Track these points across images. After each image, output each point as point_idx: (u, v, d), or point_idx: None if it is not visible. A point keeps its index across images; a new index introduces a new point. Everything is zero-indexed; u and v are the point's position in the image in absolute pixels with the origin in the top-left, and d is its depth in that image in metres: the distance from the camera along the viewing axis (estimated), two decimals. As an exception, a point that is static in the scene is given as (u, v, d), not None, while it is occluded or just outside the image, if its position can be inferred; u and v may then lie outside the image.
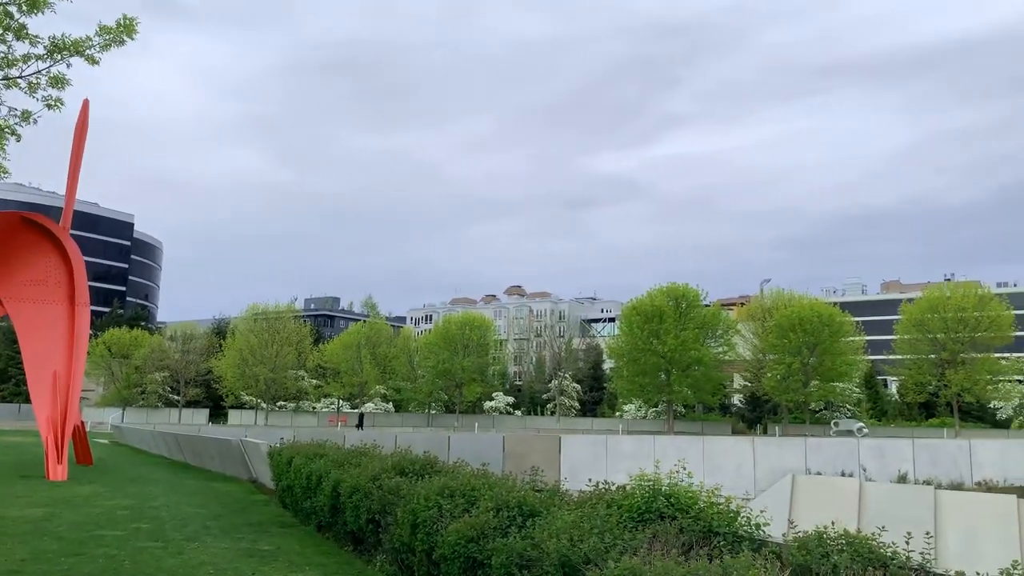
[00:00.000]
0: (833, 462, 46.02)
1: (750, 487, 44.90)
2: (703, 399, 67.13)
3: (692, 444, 47.35)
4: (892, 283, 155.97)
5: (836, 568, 8.62)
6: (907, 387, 69.51)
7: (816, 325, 59.81)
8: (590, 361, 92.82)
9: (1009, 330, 62.32)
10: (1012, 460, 45.65)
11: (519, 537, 10.67)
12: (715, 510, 10.80)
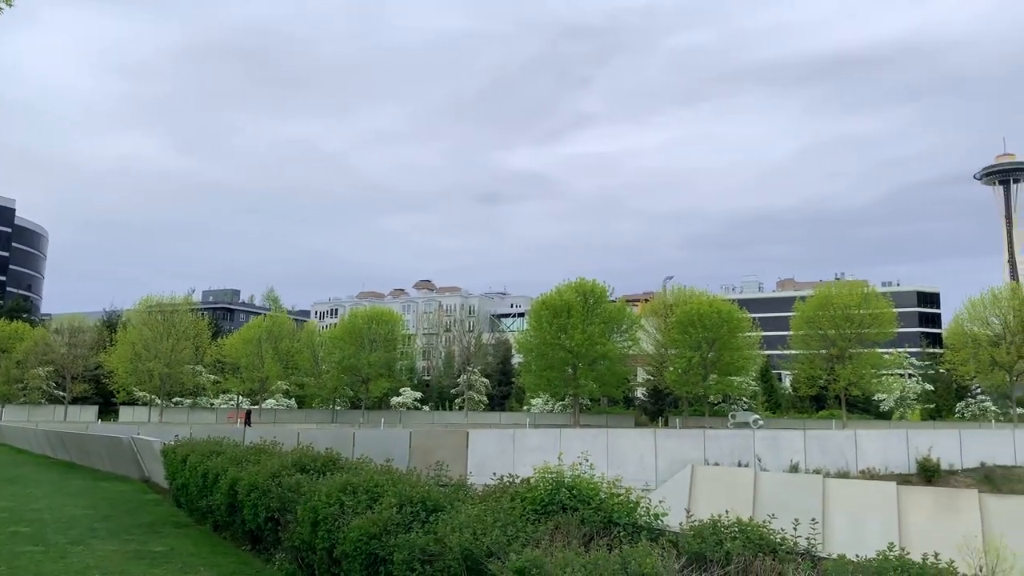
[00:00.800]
0: (730, 453, 47.84)
1: (652, 478, 46.23)
2: (608, 392, 68.57)
3: (597, 437, 48.34)
4: (787, 281, 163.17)
5: (729, 555, 8.94)
6: (799, 381, 72.89)
7: (715, 321, 61.95)
8: (499, 356, 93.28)
9: (891, 327, 66.21)
10: (893, 450, 48.44)
11: (422, 532, 10.62)
12: (616, 501, 11.04)
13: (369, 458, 15.53)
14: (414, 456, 37.12)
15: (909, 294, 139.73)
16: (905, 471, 46.98)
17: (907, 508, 38.45)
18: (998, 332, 65.86)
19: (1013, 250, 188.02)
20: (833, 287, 71.17)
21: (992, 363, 64.88)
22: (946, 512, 37.77)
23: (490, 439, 47.15)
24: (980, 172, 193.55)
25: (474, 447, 44.82)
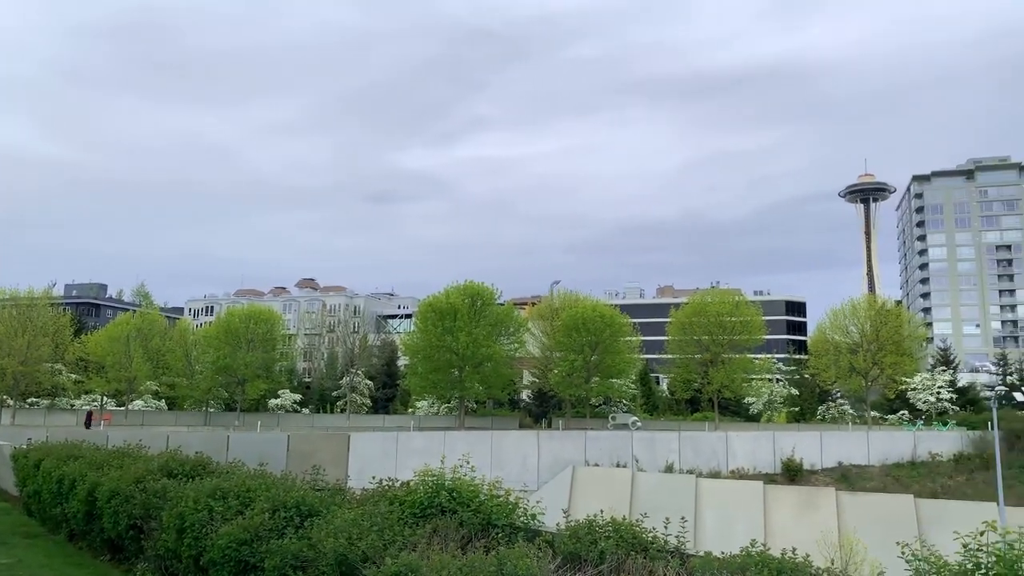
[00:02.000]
0: (609, 454, 49.08)
1: (534, 478, 46.84)
2: (494, 395, 69.01)
3: (481, 439, 48.54)
4: (667, 288, 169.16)
5: (603, 554, 9.16)
6: (676, 384, 75.66)
7: (599, 325, 63.48)
8: (384, 358, 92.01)
9: (760, 333, 69.87)
10: (761, 450, 50.98)
11: (295, 538, 10.34)
12: (495, 503, 11.10)
13: (242, 462, 14.96)
14: (292, 460, 36.08)
15: (778, 303, 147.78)
16: (771, 471, 49.50)
17: (772, 506, 40.57)
18: (856, 340, 70.52)
19: (871, 263, 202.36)
20: (708, 295, 74.45)
21: (851, 369, 69.41)
22: (807, 509, 40.10)
23: (373, 442, 46.47)
24: (844, 190, 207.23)
25: (356, 451, 44.03)
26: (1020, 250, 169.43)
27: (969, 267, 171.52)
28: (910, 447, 51.66)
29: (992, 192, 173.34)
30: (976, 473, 46.90)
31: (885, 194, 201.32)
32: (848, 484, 46.14)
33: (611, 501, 29.37)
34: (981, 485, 43.69)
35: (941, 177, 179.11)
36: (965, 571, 6.80)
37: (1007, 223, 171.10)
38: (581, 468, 46.50)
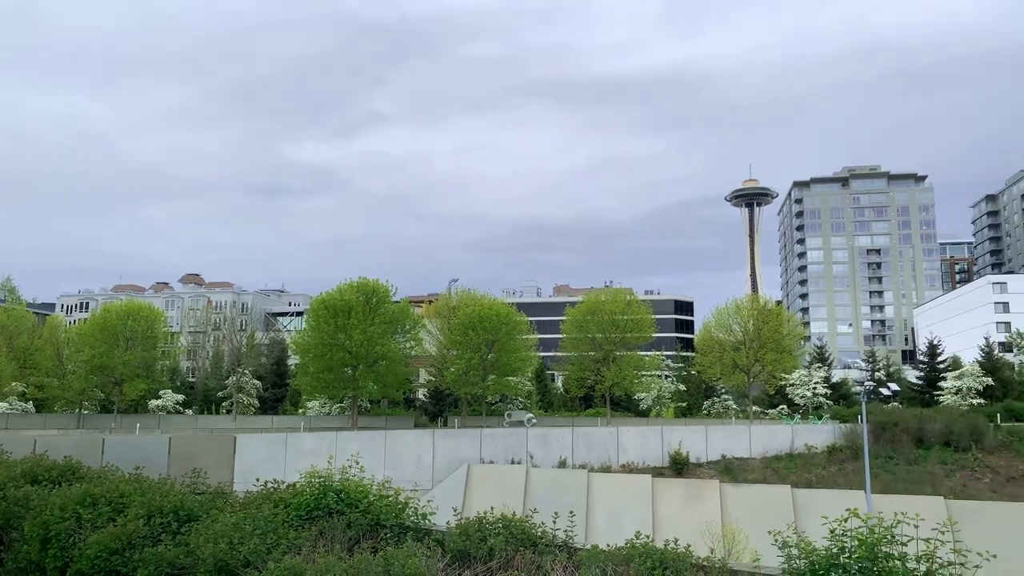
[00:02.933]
0: (504, 451, 49.35)
1: (429, 478, 46.56)
2: (388, 394, 68.09)
3: (375, 439, 47.85)
4: (563, 287, 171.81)
5: (492, 550, 9.19)
6: (570, 381, 76.95)
7: (495, 323, 63.74)
8: (273, 356, 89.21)
9: (650, 331, 72.02)
10: (650, 445, 52.37)
11: (172, 544, 9.86)
12: (384, 503, 10.96)
13: (116, 466, 14.21)
14: (174, 464, 34.51)
15: (668, 302, 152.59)
16: (660, 464, 50.95)
17: (660, 498, 41.81)
18: (740, 338, 73.67)
19: (755, 265, 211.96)
20: (602, 294, 76.07)
21: (734, 366, 72.46)
22: (693, 501, 41.54)
23: (260, 444, 45.03)
24: (730, 195, 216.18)
25: (242, 453, 42.55)
26: (888, 254, 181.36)
27: (843, 269, 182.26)
28: (788, 440, 54.26)
29: (864, 199, 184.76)
30: (847, 463, 49.70)
31: (768, 199, 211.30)
32: (731, 476, 48.03)
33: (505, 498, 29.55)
34: (851, 474, 46.37)
35: (819, 184, 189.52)
36: (831, 555, 7.20)
37: (877, 228, 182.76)
38: (476, 466, 46.58)
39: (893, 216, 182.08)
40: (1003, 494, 42.53)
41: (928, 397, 78.99)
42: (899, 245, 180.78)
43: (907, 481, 44.69)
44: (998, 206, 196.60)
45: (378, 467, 42.83)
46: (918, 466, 47.92)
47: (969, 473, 46.87)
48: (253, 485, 12.57)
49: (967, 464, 47.84)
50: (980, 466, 47.52)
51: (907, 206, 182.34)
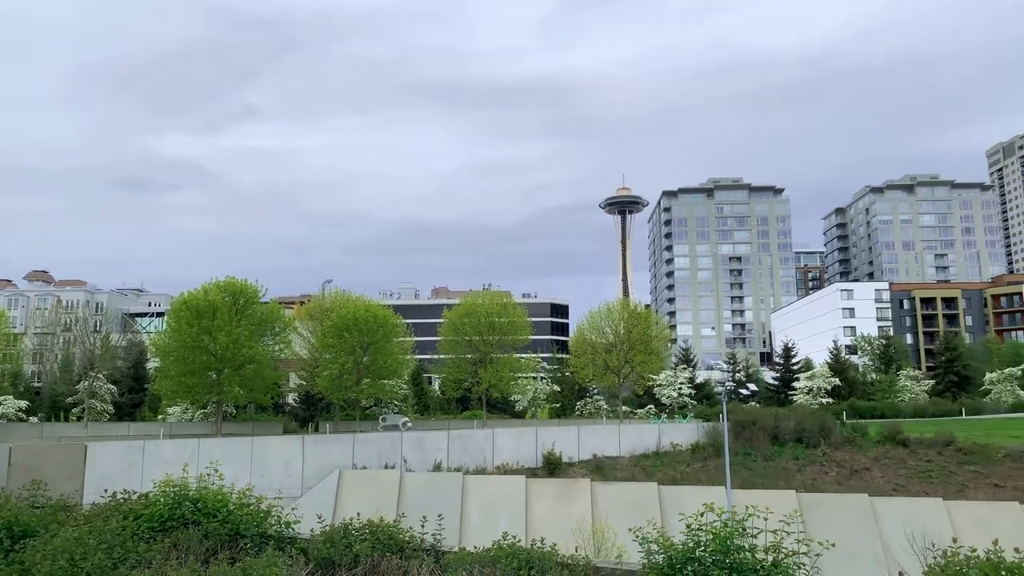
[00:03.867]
0: (378, 456, 48.51)
1: (298, 485, 45.17)
2: (256, 399, 65.51)
3: (241, 445, 45.96)
4: (441, 289, 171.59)
5: (358, 557, 8.98)
6: (447, 383, 76.79)
7: (371, 326, 62.57)
8: (131, 360, 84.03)
9: (526, 333, 73.04)
10: (524, 446, 52.91)
11: (4, 564, 9.05)
12: (245, 512, 10.49)
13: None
14: (14, 475, 31.83)
15: (544, 305, 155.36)
16: (534, 465, 51.58)
17: (533, 498, 42.33)
18: (611, 341, 75.88)
19: (626, 270, 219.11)
20: (479, 296, 76.41)
21: (606, 367, 74.53)
22: (565, 500, 42.30)
23: (115, 453, 42.29)
24: (604, 202, 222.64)
25: (94, 462, 39.82)
26: (748, 262, 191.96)
27: (707, 275, 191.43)
28: (655, 439, 56.24)
29: (727, 209, 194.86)
30: (709, 460, 52.06)
31: (639, 207, 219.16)
32: (602, 475, 49.25)
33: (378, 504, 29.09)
34: (713, 471, 48.60)
35: (686, 194, 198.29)
36: (687, 549, 7.48)
37: (738, 237, 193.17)
38: (348, 472, 45.61)
39: (753, 226, 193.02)
40: (847, 486, 45.75)
41: (783, 396, 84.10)
42: (758, 253, 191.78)
43: (764, 476, 47.29)
44: (846, 219, 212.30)
45: (244, 475, 41.13)
46: (774, 462, 50.79)
47: (818, 468, 50.11)
48: (101, 496, 11.73)
49: (817, 459, 51.14)
50: (828, 461, 50.92)
51: (766, 217, 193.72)
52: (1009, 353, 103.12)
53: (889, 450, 51.86)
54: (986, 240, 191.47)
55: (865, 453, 51.64)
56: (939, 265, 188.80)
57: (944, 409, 76.77)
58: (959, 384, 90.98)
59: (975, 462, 48.39)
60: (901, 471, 48.64)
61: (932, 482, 46.24)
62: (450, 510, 40.34)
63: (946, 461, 49.26)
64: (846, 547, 32.50)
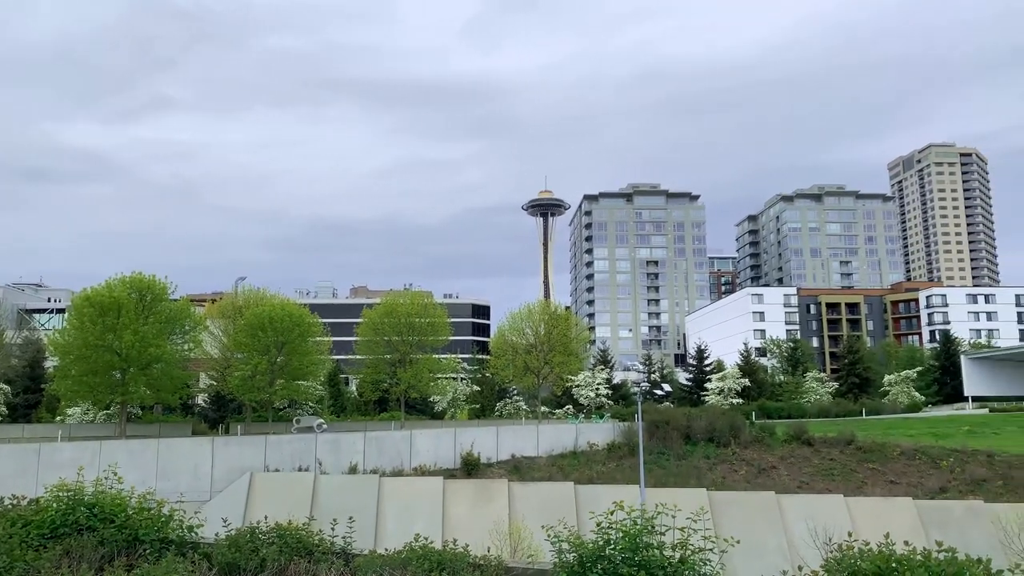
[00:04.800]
0: (292, 458, 47.46)
1: (207, 488, 43.75)
2: (163, 399, 63.00)
3: (146, 448, 44.24)
4: (360, 288, 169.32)
5: (264, 561, 8.71)
6: (365, 385, 75.67)
7: (286, 325, 61.06)
8: (27, 358, 79.54)
9: (446, 334, 72.63)
10: (443, 447, 52.64)
11: None
12: (144, 516, 10.04)
13: None
14: None
15: (465, 306, 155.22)
16: (452, 466, 51.37)
17: (451, 500, 42.18)
18: (531, 342, 76.36)
19: (548, 272, 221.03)
20: (399, 296, 75.58)
21: (526, 368, 74.92)
22: (482, 501, 42.30)
23: (7, 456, 40.10)
24: (526, 204, 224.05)
25: (-17, 467, 37.60)
26: (665, 266, 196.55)
27: (625, 279, 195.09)
28: (573, 438, 56.84)
29: (645, 214, 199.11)
30: (625, 459, 52.95)
31: (561, 210, 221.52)
32: (520, 475, 49.46)
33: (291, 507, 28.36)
34: (628, 470, 49.44)
35: (606, 198, 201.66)
36: (598, 547, 7.55)
37: (656, 242, 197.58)
38: (260, 475, 44.44)
39: (670, 231, 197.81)
40: (755, 484, 47.30)
41: (696, 397, 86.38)
42: (674, 258, 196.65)
43: (676, 475, 48.41)
44: (758, 225, 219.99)
45: (149, 478, 39.56)
46: (686, 460, 52.06)
47: (728, 466, 51.63)
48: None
49: (727, 458, 52.69)
50: (737, 460, 52.52)
51: (682, 222, 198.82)
52: (906, 356, 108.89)
53: (795, 449, 53.87)
54: (887, 249, 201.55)
55: (772, 452, 53.49)
56: (843, 272, 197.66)
57: (846, 409, 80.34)
58: (860, 386, 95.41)
59: (873, 460, 50.77)
60: (806, 469, 50.61)
61: (834, 479, 48.26)
62: (366, 513, 39.80)
63: (847, 459, 51.52)
64: (754, 543, 33.61)
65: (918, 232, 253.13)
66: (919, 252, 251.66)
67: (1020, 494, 42.25)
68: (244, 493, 42.48)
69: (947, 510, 38.35)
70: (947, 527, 34.51)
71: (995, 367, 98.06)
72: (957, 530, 33.86)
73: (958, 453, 50.38)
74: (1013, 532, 27.98)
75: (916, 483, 46.32)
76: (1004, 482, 45.36)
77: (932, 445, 52.89)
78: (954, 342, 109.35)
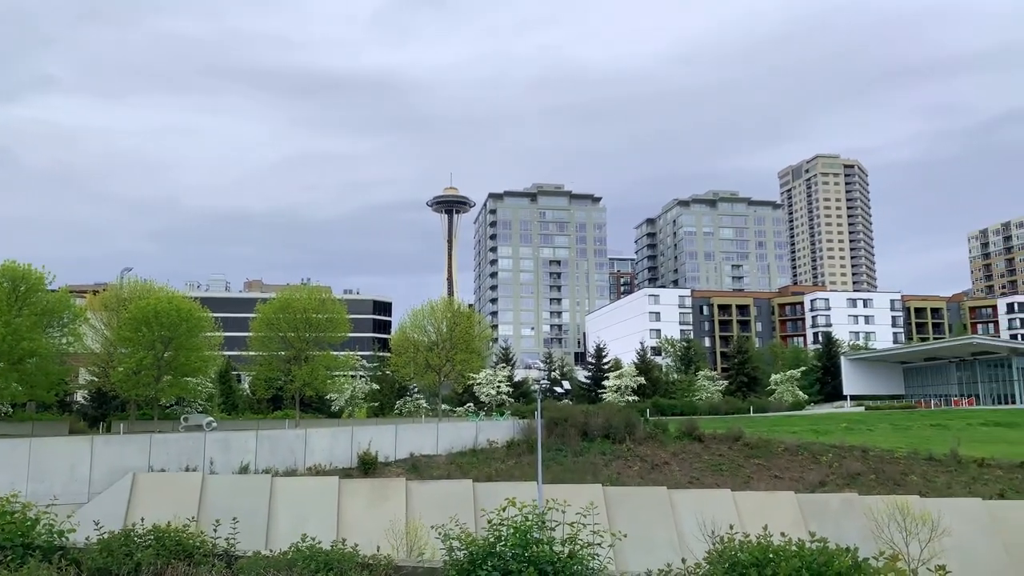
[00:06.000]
0: (179, 458, 45.59)
1: (85, 490, 41.44)
2: (37, 396, 59.13)
3: (16, 447, 41.55)
4: (255, 282, 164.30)
5: (139, 565, 8.25)
6: (258, 382, 73.34)
7: (174, 319, 58.36)
8: None
9: (345, 330, 71.18)
10: (339, 446, 51.72)
11: None
12: (7, 520, 9.38)
13: None
14: None
15: (367, 302, 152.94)
16: (348, 465, 50.54)
17: (346, 499, 41.46)
18: (433, 339, 75.98)
19: (452, 270, 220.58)
20: (296, 291, 73.53)
21: (427, 366, 74.50)
22: (379, 500, 41.79)
23: None
24: (431, 200, 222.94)
25: None
26: (567, 266, 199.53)
27: (529, 278, 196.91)
28: (473, 436, 56.95)
29: (549, 214, 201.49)
30: (524, 456, 53.44)
31: (466, 208, 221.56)
32: (418, 473, 49.17)
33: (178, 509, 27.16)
34: (527, 467, 49.91)
35: (511, 197, 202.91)
36: (488, 544, 7.53)
37: (559, 242, 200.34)
38: (143, 475, 42.45)
39: (572, 232, 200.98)
40: (648, 480, 48.65)
41: (594, 395, 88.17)
42: (576, 258, 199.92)
43: (573, 471, 49.20)
44: (656, 229, 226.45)
45: (19, 480, 37.14)
46: (583, 457, 53.01)
47: (623, 462, 52.89)
48: None
49: (622, 454, 53.98)
50: (632, 456, 53.88)
51: (585, 223, 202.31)
52: (791, 357, 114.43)
53: (687, 445, 55.73)
54: (776, 254, 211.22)
55: (666, 448, 55.15)
56: (735, 275, 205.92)
57: (735, 407, 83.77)
58: (749, 384, 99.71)
59: (759, 455, 53.10)
60: (696, 465, 52.41)
61: (723, 474, 50.18)
62: (257, 514, 38.66)
63: (735, 455, 53.68)
64: (646, 536, 34.51)
65: (805, 238, 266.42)
66: (805, 257, 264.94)
67: (890, 487, 45.12)
68: (126, 495, 40.48)
69: (825, 503, 40.48)
70: (825, 519, 36.45)
71: (871, 368, 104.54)
72: (834, 521, 35.81)
73: (836, 449, 53.31)
74: (883, 522, 29.87)
75: (798, 477, 48.71)
76: (876, 476, 48.31)
77: (813, 441, 55.78)
78: (835, 344, 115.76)
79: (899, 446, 54.41)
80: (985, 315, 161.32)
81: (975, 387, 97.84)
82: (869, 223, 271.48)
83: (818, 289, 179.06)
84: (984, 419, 69.88)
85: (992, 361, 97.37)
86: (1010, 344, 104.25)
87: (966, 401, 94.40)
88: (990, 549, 34.61)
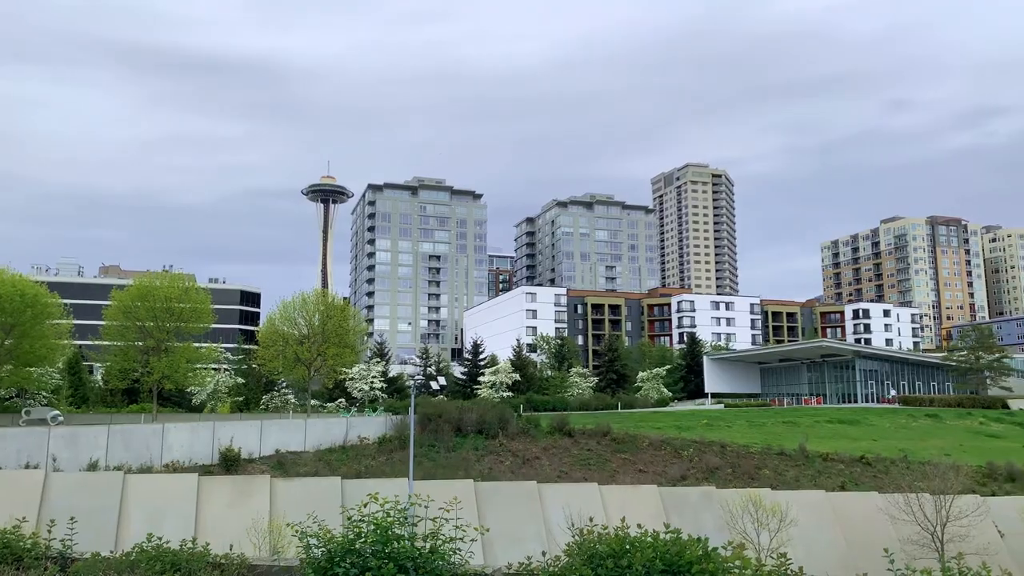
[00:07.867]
0: (19, 454, 42.47)
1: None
2: None
3: None
4: (112, 268, 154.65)
5: (-45, 572, 7.53)
6: (112, 373, 68.93)
7: (18, 305, 53.99)
8: None
9: (208, 320, 67.90)
10: (199, 442, 49.45)
11: None
12: None
13: None
14: None
15: (233, 292, 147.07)
16: (210, 462, 48.48)
17: (206, 498, 39.60)
18: (304, 332, 73.72)
19: (327, 261, 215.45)
20: (156, 278, 69.49)
21: (296, 360, 72.21)
22: (241, 498, 40.15)
23: None
24: (307, 188, 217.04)
25: None
26: (447, 261, 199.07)
27: (407, 272, 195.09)
28: (343, 432, 55.84)
29: (430, 208, 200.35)
30: (395, 453, 52.92)
31: (344, 197, 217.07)
32: (284, 471, 47.75)
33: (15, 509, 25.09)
34: (398, 463, 49.44)
35: (392, 189, 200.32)
36: (347, 541, 7.32)
37: (439, 236, 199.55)
38: (-25, 473, 39.02)
39: (453, 227, 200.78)
40: (519, 474, 49.27)
41: (470, 390, 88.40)
42: (456, 254, 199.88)
43: (446, 467, 49.17)
44: (535, 228, 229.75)
45: None
46: (456, 452, 53.07)
47: (495, 457, 53.34)
48: None
49: (495, 449, 54.42)
50: (504, 451, 54.42)
51: (465, 219, 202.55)
52: (658, 355, 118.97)
53: (557, 440, 56.85)
54: (646, 257, 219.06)
55: (537, 443, 56.05)
56: (608, 276, 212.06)
57: (605, 403, 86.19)
58: (618, 381, 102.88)
59: (625, 450, 54.89)
60: (566, 459, 53.56)
61: (591, 469, 51.53)
62: (106, 514, 36.34)
63: (603, 450, 55.24)
64: (515, 530, 34.88)
65: (674, 242, 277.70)
66: (674, 261, 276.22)
67: (745, 480, 47.74)
68: (-46, 496, 37.01)
69: (685, 496, 42.25)
70: (684, 511, 38.04)
71: (731, 367, 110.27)
72: (693, 514, 37.44)
73: (697, 444, 55.87)
74: (737, 514, 31.53)
75: (661, 471, 50.69)
76: (733, 470, 50.99)
77: (676, 437, 58.21)
78: (698, 344, 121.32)
79: (754, 442, 57.65)
80: (833, 320, 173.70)
81: (823, 387, 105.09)
82: (733, 230, 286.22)
83: (685, 292, 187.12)
84: (830, 417, 75.12)
85: (838, 363, 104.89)
86: (854, 347, 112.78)
87: (815, 400, 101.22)
88: (831, 537, 37.18)
